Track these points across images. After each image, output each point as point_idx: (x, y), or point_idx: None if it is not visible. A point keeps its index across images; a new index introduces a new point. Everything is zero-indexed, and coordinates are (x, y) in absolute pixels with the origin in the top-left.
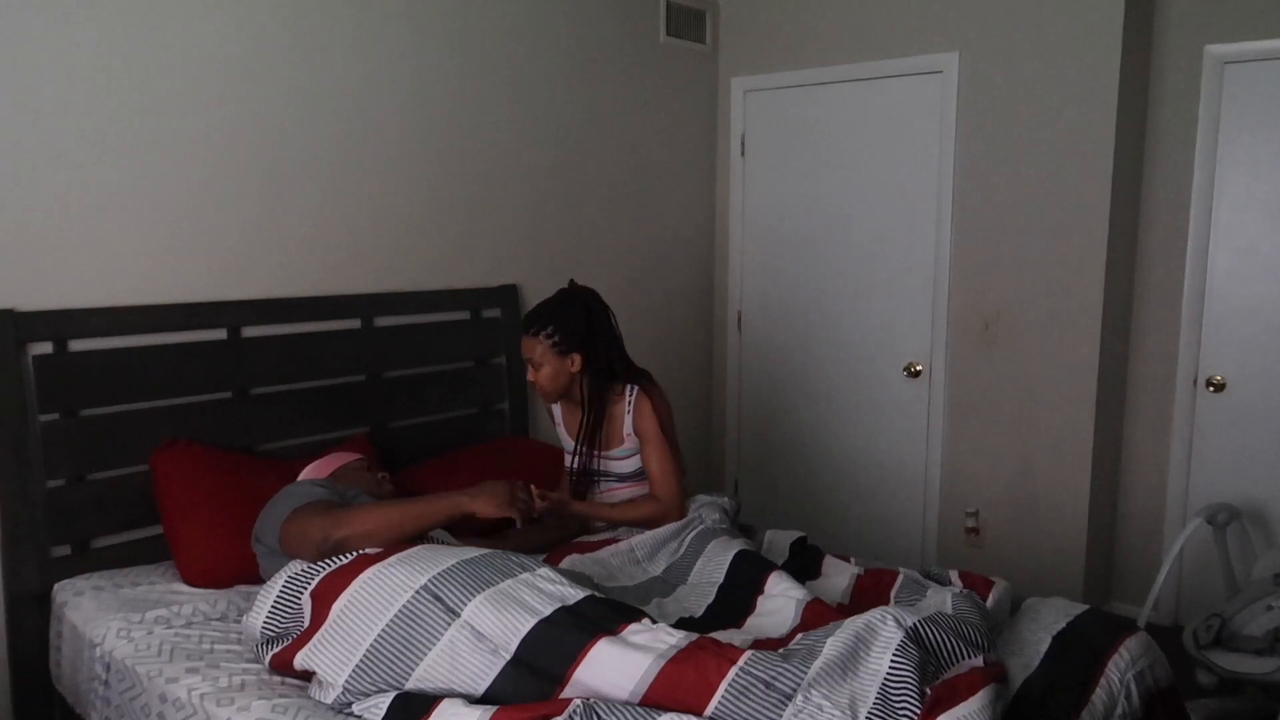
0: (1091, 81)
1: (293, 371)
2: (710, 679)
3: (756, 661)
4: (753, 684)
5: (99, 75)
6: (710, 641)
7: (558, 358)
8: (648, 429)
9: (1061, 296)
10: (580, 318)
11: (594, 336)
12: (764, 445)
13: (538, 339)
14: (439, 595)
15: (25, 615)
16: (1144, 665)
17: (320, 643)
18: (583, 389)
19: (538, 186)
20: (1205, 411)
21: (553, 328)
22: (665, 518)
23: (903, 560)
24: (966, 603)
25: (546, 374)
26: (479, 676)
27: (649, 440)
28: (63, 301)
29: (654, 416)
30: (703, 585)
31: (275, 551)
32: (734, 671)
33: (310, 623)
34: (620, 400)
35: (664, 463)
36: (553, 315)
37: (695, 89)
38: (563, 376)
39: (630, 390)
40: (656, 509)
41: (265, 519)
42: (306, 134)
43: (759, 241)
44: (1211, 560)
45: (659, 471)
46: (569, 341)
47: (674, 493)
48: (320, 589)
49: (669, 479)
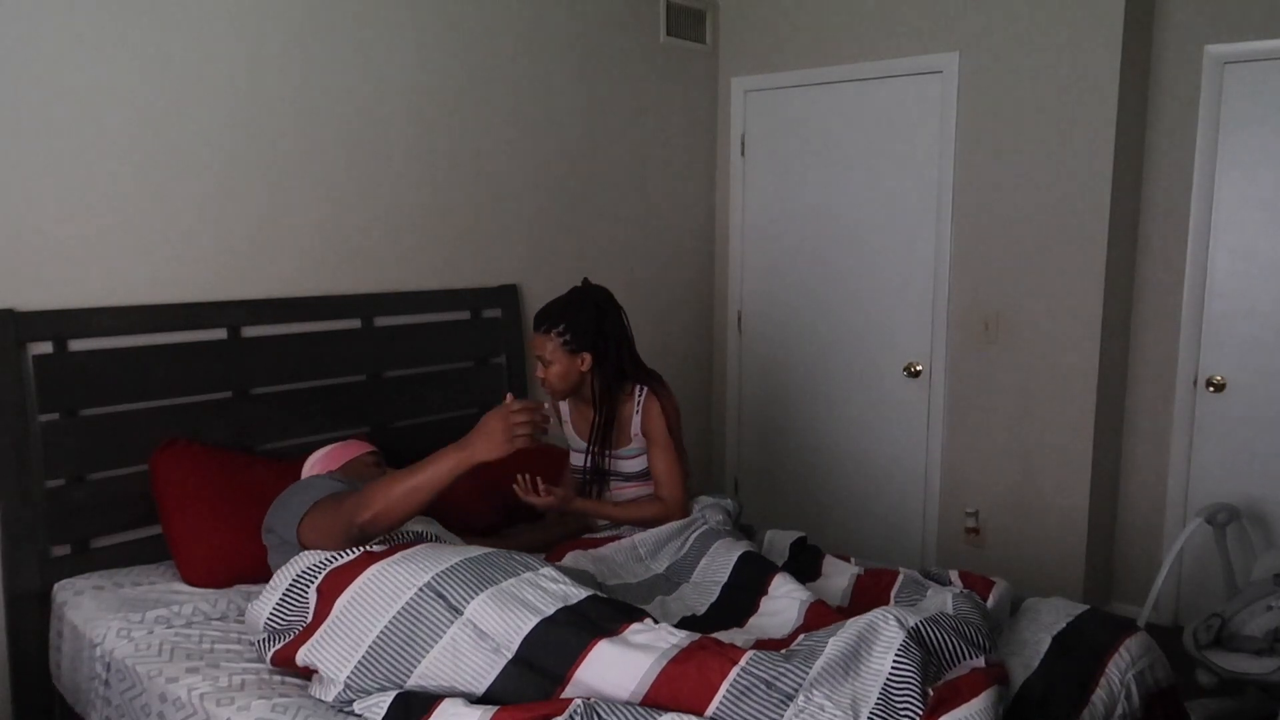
0: (1091, 81)
1: (293, 371)
2: (711, 679)
3: (758, 661)
4: (754, 684)
5: (100, 76)
6: (712, 641)
7: (568, 356)
8: (655, 431)
9: (1061, 296)
10: (592, 317)
11: (605, 336)
12: (764, 445)
13: (549, 336)
14: (442, 593)
15: (25, 615)
16: (1144, 665)
17: (323, 639)
18: (593, 388)
19: (538, 186)
20: (1205, 412)
21: (564, 326)
22: (668, 519)
23: (903, 560)
24: (967, 603)
25: (556, 372)
26: (480, 675)
27: (655, 442)
28: (63, 301)
29: (662, 419)
30: (707, 584)
31: (287, 543)
32: (735, 671)
33: (314, 618)
34: (630, 400)
35: (669, 465)
36: (564, 313)
37: (695, 89)
38: (572, 375)
39: (640, 391)
40: (660, 510)
41: (280, 511)
42: (307, 134)
43: (759, 241)
44: (1211, 560)
45: (664, 473)
46: (580, 340)
47: (678, 495)
48: (325, 585)
49: (674, 481)
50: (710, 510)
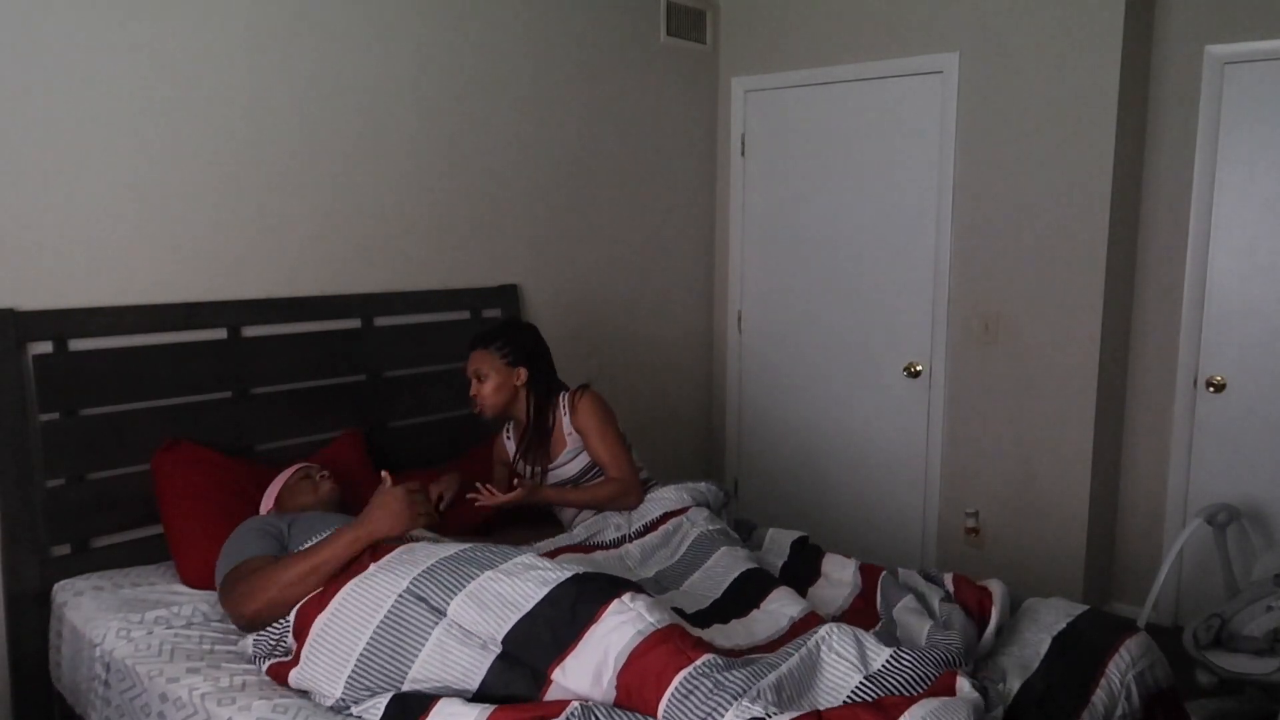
0: (1091, 81)
1: (293, 371)
2: (666, 675)
3: (712, 664)
4: (700, 684)
5: (100, 75)
6: (678, 632)
7: (506, 369)
8: (588, 422)
9: (1061, 296)
10: (528, 335)
11: (538, 355)
12: (764, 445)
13: (488, 351)
14: (422, 596)
15: (25, 615)
16: (1144, 666)
17: (309, 662)
18: (528, 402)
19: (538, 186)
20: (1205, 412)
21: (502, 341)
22: (626, 495)
23: (903, 560)
24: (938, 632)
25: (491, 385)
26: (471, 672)
27: (592, 432)
28: (63, 301)
29: (596, 411)
30: (696, 596)
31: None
32: (687, 670)
33: (296, 648)
34: (556, 409)
35: (612, 447)
36: (503, 331)
37: (695, 89)
38: (506, 389)
39: (564, 398)
40: (617, 487)
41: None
42: (307, 134)
43: (759, 241)
44: (1211, 560)
45: (609, 456)
46: (517, 354)
47: (628, 474)
48: (300, 616)
49: (620, 460)
50: (695, 511)
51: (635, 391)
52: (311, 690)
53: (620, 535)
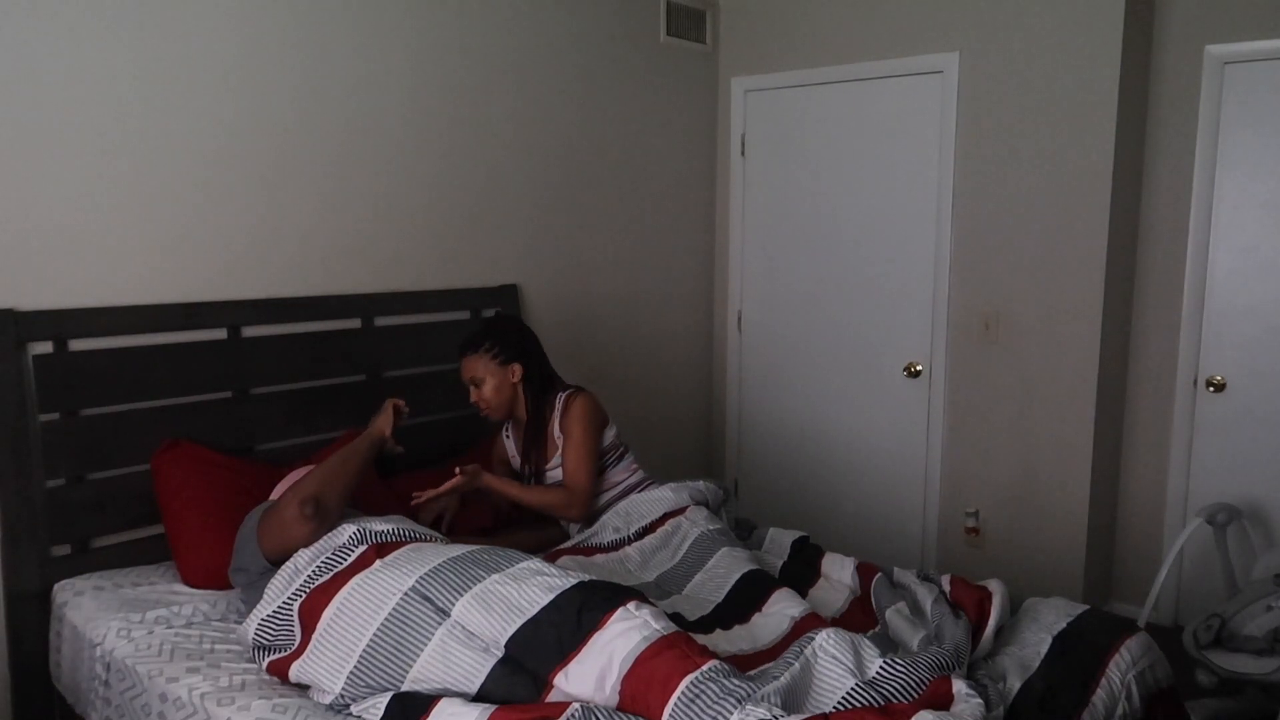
0: (1091, 82)
1: (293, 371)
2: (672, 680)
3: (718, 669)
4: (706, 689)
5: (99, 75)
6: (684, 639)
7: (500, 369)
8: (572, 426)
9: (1061, 296)
10: (514, 331)
11: (529, 350)
12: (764, 445)
13: (478, 354)
14: (428, 595)
15: (25, 615)
16: (1145, 665)
17: (313, 655)
18: (527, 398)
19: (538, 186)
20: (1205, 412)
21: (490, 342)
22: (569, 508)
23: (903, 560)
24: (928, 645)
25: (490, 388)
26: (472, 675)
27: (570, 436)
28: (63, 301)
29: (582, 416)
30: (699, 600)
31: (261, 574)
32: (693, 676)
33: (300, 638)
34: (552, 410)
35: (581, 458)
36: (488, 333)
37: (695, 89)
38: (506, 389)
39: (560, 398)
40: (562, 497)
41: (240, 550)
42: (307, 134)
43: (759, 241)
44: (1211, 560)
45: (573, 464)
46: (508, 352)
47: (584, 487)
48: (306, 607)
49: (581, 473)
50: (694, 510)
51: (635, 391)
52: (312, 684)
53: (619, 537)
